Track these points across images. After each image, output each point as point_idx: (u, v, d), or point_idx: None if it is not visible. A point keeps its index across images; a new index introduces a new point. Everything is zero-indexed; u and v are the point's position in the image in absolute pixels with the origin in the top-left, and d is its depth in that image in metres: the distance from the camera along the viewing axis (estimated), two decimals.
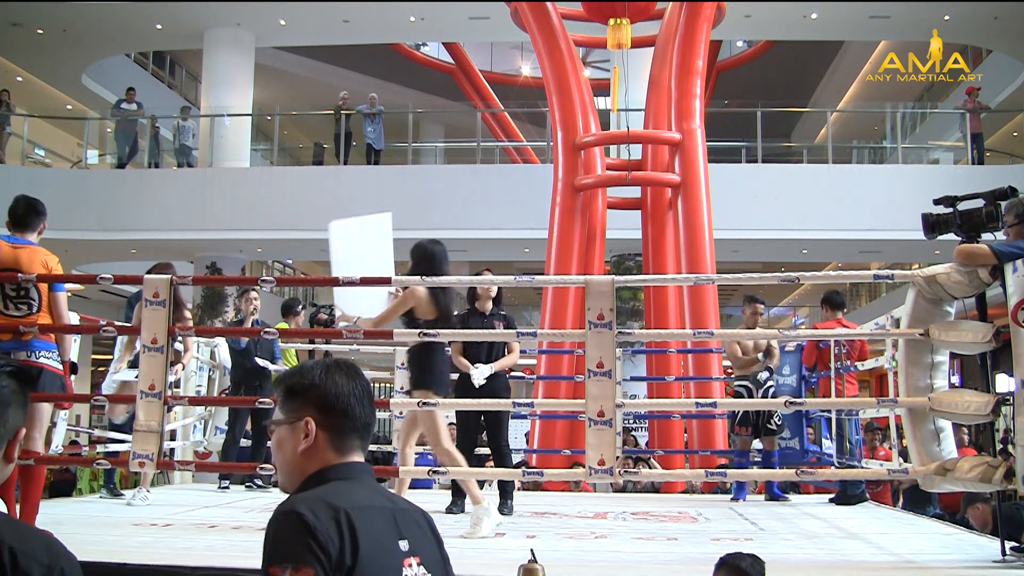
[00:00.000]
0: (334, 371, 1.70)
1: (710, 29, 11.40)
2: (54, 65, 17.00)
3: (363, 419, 1.69)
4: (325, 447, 1.65)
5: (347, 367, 1.73)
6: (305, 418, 1.65)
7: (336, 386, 1.68)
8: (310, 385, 1.67)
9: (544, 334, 8.57)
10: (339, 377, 1.69)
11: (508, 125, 20.75)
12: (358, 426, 1.68)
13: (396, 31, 16.99)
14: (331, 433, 1.65)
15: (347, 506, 1.52)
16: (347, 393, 1.68)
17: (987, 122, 14.74)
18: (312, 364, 1.73)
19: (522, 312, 25.23)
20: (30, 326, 4.29)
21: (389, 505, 1.64)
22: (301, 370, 1.73)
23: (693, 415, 9.25)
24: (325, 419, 1.65)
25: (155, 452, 4.15)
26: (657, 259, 11.22)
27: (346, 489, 1.59)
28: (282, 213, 13.84)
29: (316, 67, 21.21)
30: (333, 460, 1.65)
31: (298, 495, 1.57)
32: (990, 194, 4.05)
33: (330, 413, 1.66)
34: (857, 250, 14.91)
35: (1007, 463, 3.71)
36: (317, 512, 1.48)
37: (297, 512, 1.48)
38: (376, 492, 1.66)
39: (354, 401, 1.68)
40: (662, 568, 3.87)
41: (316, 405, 1.66)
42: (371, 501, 1.60)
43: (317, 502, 1.51)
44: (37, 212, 4.48)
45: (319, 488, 1.58)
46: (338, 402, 1.66)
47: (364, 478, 1.66)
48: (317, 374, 1.69)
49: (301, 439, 1.64)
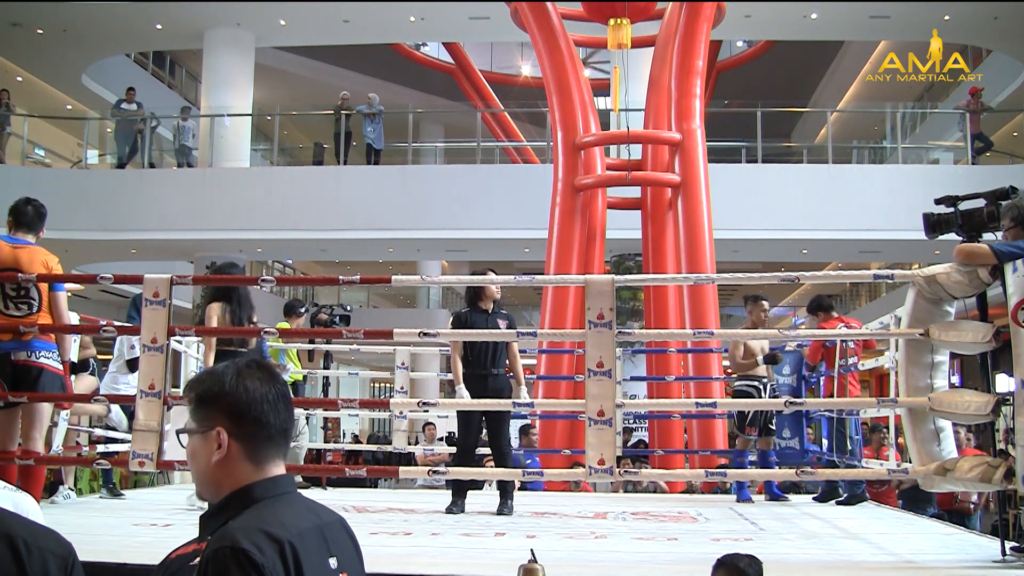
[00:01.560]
0: (246, 375, 1.59)
1: (710, 29, 11.40)
2: (54, 65, 16.99)
3: (279, 425, 1.59)
4: (240, 458, 1.55)
5: (260, 369, 1.63)
6: (216, 428, 1.55)
7: (247, 392, 1.57)
8: (220, 392, 1.57)
9: (544, 334, 8.58)
10: (251, 382, 1.58)
11: (508, 125, 20.76)
12: (273, 433, 1.58)
13: (396, 31, 16.99)
14: (245, 443, 1.56)
15: (289, 536, 1.45)
16: (260, 399, 1.57)
17: (987, 122, 14.74)
18: (223, 368, 1.62)
19: (522, 312, 25.26)
20: (30, 326, 4.30)
21: (317, 522, 1.56)
22: (211, 375, 1.62)
23: (693, 415, 9.25)
24: (238, 428, 1.55)
25: (155, 452, 4.15)
26: (657, 259, 11.22)
27: (281, 512, 1.51)
28: (282, 213, 13.85)
29: (316, 67, 21.21)
30: (252, 473, 1.55)
31: (235, 524, 1.47)
32: (991, 194, 4.05)
33: (242, 421, 1.56)
34: (857, 250, 14.91)
35: (1007, 463, 3.71)
36: (263, 548, 1.41)
37: (243, 549, 1.39)
38: (306, 510, 1.58)
39: (267, 407, 1.58)
40: (662, 568, 3.87)
41: (227, 413, 1.56)
42: (306, 523, 1.53)
43: (258, 534, 1.43)
44: (41, 215, 4.54)
45: (251, 511, 1.50)
46: (250, 410, 1.56)
47: (292, 494, 1.58)
48: (227, 380, 1.58)
49: (215, 449, 1.55)
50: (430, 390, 17.19)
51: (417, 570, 3.45)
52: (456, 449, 5.95)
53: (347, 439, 18.59)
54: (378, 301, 26.77)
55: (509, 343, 5.62)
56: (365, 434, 21.56)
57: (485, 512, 5.48)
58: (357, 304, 22.45)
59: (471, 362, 5.56)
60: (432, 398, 6.32)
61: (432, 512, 5.49)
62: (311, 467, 6.97)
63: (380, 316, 24.11)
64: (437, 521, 5.13)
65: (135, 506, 5.81)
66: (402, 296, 28.26)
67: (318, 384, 8.05)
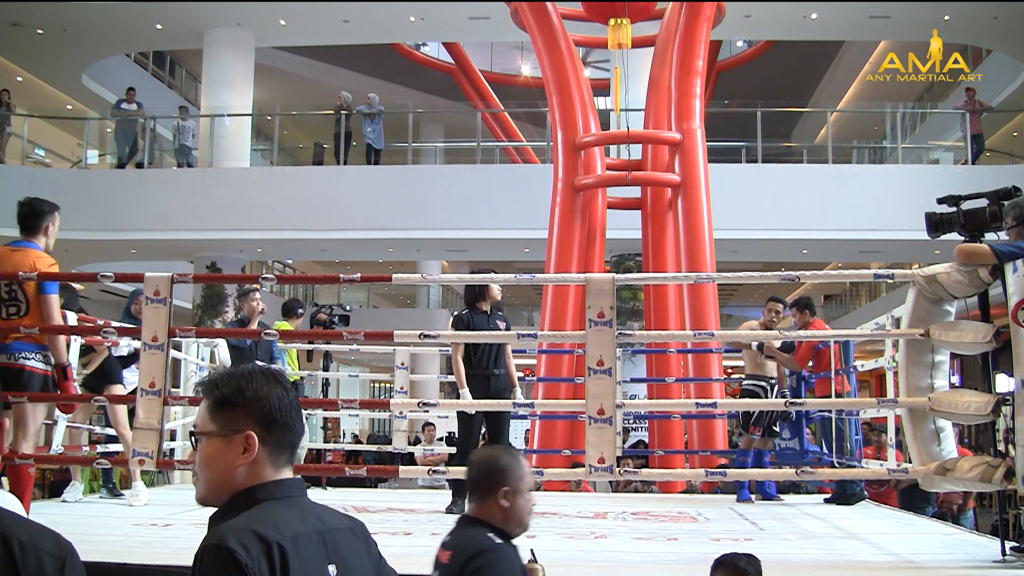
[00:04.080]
0: (269, 380, 1.59)
1: (710, 29, 11.39)
2: (54, 65, 17.00)
3: (299, 432, 1.61)
4: (263, 463, 1.54)
5: (280, 376, 1.62)
6: (246, 432, 1.53)
7: (279, 398, 1.57)
8: (252, 397, 1.55)
9: (545, 335, 8.57)
10: (278, 388, 1.58)
11: (508, 125, 20.76)
12: (295, 439, 1.59)
13: (396, 31, 16.99)
14: (271, 448, 1.55)
15: (280, 538, 1.44)
16: (288, 406, 1.58)
17: (987, 122, 14.74)
18: (247, 372, 1.60)
19: (522, 312, 25.27)
20: (14, 328, 4.30)
21: (319, 527, 1.54)
22: (236, 378, 1.59)
23: (693, 415, 9.25)
24: (267, 433, 1.54)
25: (154, 450, 4.15)
26: (657, 259, 11.22)
27: (279, 514, 1.50)
28: (282, 213, 13.85)
29: (316, 67, 21.21)
30: (267, 477, 1.55)
31: (228, 523, 1.47)
32: (993, 194, 4.05)
33: (273, 427, 1.55)
34: (857, 250, 14.91)
35: (1007, 463, 3.71)
36: (249, 547, 1.41)
37: (229, 548, 1.39)
38: (308, 513, 1.56)
39: (294, 414, 1.59)
40: (662, 568, 3.87)
41: (258, 419, 1.54)
42: (303, 527, 1.51)
43: (248, 534, 1.42)
44: (37, 213, 4.49)
45: (249, 512, 1.49)
46: (281, 416, 1.56)
47: (296, 497, 1.57)
48: (258, 385, 1.57)
49: (239, 454, 1.53)
50: (430, 391, 17.18)
51: (417, 570, 3.43)
52: (456, 449, 5.95)
53: (347, 439, 18.60)
54: (378, 301, 26.77)
55: (505, 344, 5.62)
56: (365, 434, 21.57)
57: None
58: (357, 304, 22.47)
59: (473, 363, 5.56)
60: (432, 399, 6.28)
61: (432, 512, 5.49)
62: (311, 467, 6.96)
63: (380, 316, 24.12)
64: (437, 521, 5.13)
65: (135, 506, 5.80)
66: (402, 296, 28.27)
67: (318, 384, 8.05)
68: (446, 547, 2.30)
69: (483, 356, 5.55)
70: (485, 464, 2.38)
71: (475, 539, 2.25)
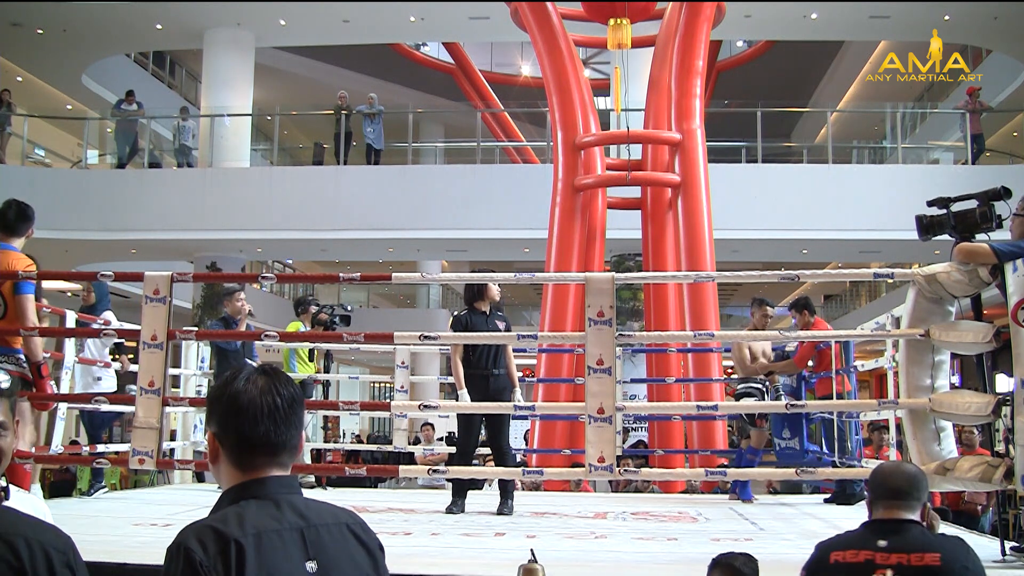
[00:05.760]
0: (245, 385, 1.58)
1: (710, 29, 11.39)
2: (54, 65, 16.99)
3: (266, 438, 1.55)
4: (227, 462, 1.57)
5: (267, 377, 1.60)
6: (209, 432, 1.60)
7: (235, 403, 1.56)
8: (214, 399, 1.59)
9: (545, 336, 8.57)
10: (244, 396, 1.56)
11: (508, 125, 20.75)
12: (256, 444, 1.55)
13: (396, 31, 16.99)
14: (229, 451, 1.57)
15: (240, 535, 1.45)
16: (245, 409, 1.55)
17: (987, 122, 14.74)
18: (229, 376, 1.61)
19: (522, 312, 25.27)
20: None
21: (299, 524, 1.53)
22: (220, 381, 1.63)
23: (693, 416, 9.24)
24: (224, 436, 1.57)
25: (154, 449, 4.15)
26: (657, 259, 11.22)
27: (249, 511, 1.50)
28: (282, 213, 13.84)
29: (316, 67, 21.21)
30: (239, 476, 1.56)
31: (195, 522, 1.50)
32: (984, 195, 4.05)
33: (227, 430, 1.56)
34: (857, 250, 14.91)
35: (1007, 463, 3.71)
36: (207, 545, 1.44)
37: (186, 547, 1.43)
38: (287, 510, 1.54)
39: (250, 422, 1.55)
40: (662, 568, 3.87)
41: (217, 421, 1.58)
42: (274, 524, 1.50)
43: (208, 532, 1.45)
44: (22, 216, 4.49)
45: (225, 510, 1.52)
46: (235, 419, 1.55)
47: (281, 495, 1.55)
48: (224, 388, 1.58)
49: (212, 454, 1.60)
50: (430, 391, 17.18)
51: (417, 570, 3.45)
52: (456, 449, 5.95)
53: (347, 439, 18.60)
54: (378, 301, 26.77)
55: (505, 345, 5.62)
56: (365, 434, 21.58)
57: (485, 512, 5.48)
58: (357, 304, 22.45)
59: (472, 363, 5.55)
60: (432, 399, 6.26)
61: (432, 512, 5.49)
62: (311, 467, 6.96)
63: (380, 316, 24.12)
64: (437, 521, 5.13)
65: (135, 506, 5.81)
66: (402, 296, 28.26)
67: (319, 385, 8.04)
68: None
69: (482, 356, 5.54)
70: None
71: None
